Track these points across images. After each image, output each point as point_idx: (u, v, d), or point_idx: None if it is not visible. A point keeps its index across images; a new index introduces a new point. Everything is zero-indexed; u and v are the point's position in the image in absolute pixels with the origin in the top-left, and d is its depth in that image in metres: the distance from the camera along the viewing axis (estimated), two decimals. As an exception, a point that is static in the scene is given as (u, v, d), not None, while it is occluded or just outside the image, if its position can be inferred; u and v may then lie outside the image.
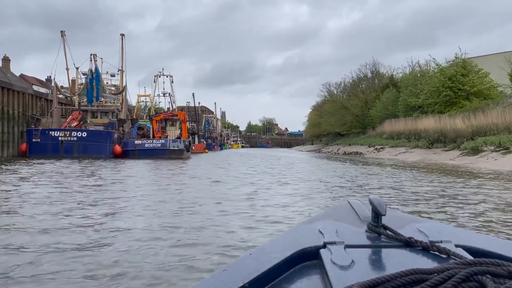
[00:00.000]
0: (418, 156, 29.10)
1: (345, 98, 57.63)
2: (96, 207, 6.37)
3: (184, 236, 4.42)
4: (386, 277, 0.70)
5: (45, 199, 7.06)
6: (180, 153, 26.07)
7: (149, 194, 8.24)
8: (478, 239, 1.02)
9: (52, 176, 11.77)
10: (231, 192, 8.46)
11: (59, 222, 5.05)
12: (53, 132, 23.79)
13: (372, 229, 1.03)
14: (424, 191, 8.88)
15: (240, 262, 0.91)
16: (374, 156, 35.07)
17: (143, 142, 25.72)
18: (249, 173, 14.44)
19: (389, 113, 45.26)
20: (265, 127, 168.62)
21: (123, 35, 29.97)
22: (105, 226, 4.86)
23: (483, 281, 0.67)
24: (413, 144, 33.11)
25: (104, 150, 24.22)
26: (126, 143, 25.75)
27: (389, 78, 54.85)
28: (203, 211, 6.13)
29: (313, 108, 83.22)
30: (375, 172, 15.66)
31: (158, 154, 25.21)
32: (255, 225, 5.10)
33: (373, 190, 9.33)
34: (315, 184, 10.67)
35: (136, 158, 24.58)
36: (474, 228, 4.94)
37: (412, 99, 38.81)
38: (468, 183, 10.73)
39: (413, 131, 35.56)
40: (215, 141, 71.02)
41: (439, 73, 36.81)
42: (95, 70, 27.95)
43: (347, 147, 47.61)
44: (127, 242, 4.14)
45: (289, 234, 1.08)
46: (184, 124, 29.51)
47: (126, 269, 3.26)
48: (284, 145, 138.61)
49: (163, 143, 25.85)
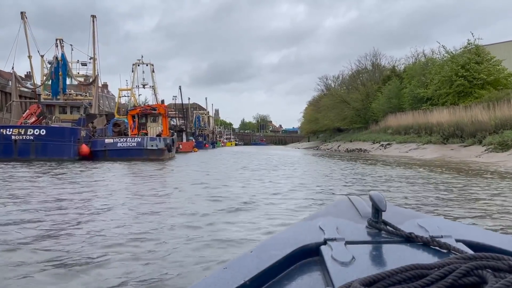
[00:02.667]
0: (434, 153, 25.69)
1: (344, 91, 53.99)
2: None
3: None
4: (387, 272, 0.70)
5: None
6: (160, 153, 22.22)
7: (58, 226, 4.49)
8: (479, 234, 1.01)
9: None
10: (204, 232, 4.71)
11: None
12: (5, 129, 19.79)
13: (372, 225, 1.02)
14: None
15: (240, 260, 0.90)
16: (381, 153, 31.59)
17: (115, 141, 21.81)
18: (241, 180, 10.75)
19: (393, 106, 41.99)
20: (259, 124, 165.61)
21: (94, 16, 25.83)
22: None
23: (484, 275, 0.68)
24: (424, 140, 29.75)
25: (67, 151, 20.31)
26: (95, 143, 21.78)
27: (390, 69, 51.46)
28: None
29: (310, 103, 79.70)
30: (393, 175, 12.06)
31: (133, 154, 21.37)
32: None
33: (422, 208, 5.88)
34: (329, 196, 7.14)
35: (106, 159, 20.74)
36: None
37: (420, 90, 35.29)
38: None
39: (424, 125, 32.19)
40: (207, 139, 67.02)
41: (450, 61, 33.27)
42: (61, 57, 23.94)
43: (348, 143, 44.09)
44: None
45: (290, 231, 1.07)
46: (164, 119, 25.53)
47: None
48: (279, 143, 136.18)
49: (139, 142, 21.99)
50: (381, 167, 16.41)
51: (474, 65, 31.38)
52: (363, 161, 21.40)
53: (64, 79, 24.63)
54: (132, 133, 23.76)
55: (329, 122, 54.08)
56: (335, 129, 59.30)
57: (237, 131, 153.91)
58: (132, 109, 25.55)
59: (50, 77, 23.68)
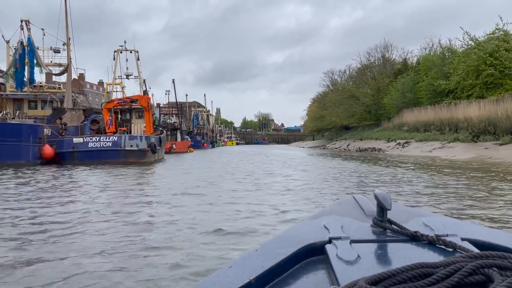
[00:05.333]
0: (465, 152, 21.96)
1: (352, 85, 50.09)
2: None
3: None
4: (392, 271, 0.70)
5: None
6: (141, 155, 18.45)
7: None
8: (484, 232, 1.00)
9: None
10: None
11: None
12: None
13: (377, 224, 1.01)
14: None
15: (245, 259, 0.89)
16: (399, 153, 27.86)
17: (86, 141, 18.02)
18: (244, 211, 7.10)
19: (408, 101, 38.29)
20: (260, 123, 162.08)
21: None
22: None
23: (490, 274, 0.67)
24: (450, 137, 26.07)
25: (25, 153, 16.59)
26: (61, 143, 17.92)
27: (401, 63, 47.62)
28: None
29: (314, 100, 75.81)
30: (436, 183, 8.36)
31: (108, 157, 17.64)
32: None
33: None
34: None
35: (76, 163, 17.03)
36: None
37: (442, 82, 31.50)
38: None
39: (447, 120, 28.50)
40: (206, 138, 63.11)
41: (476, 48, 29.44)
42: (27, 42, 20.19)
43: (358, 142, 40.36)
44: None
45: (294, 230, 1.07)
46: (147, 114, 21.40)
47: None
48: (281, 141, 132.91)
49: (115, 142, 18.20)
50: (411, 171, 12.69)
51: (504, 53, 27.68)
52: (381, 163, 17.70)
53: (32, 68, 20.86)
54: (109, 131, 19.92)
55: (336, 119, 50.20)
56: (341, 127, 55.60)
57: (239, 129, 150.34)
58: (108, 102, 21.59)
59: (13, 65, 19.90)
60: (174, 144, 35.25)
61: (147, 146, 18.67)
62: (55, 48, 22.79)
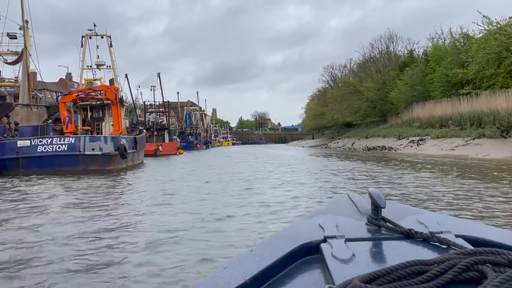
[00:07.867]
0: (498, 150, 18.66)
1: (355, 79, 46.58)
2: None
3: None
4: (387, 269, 0.70)
5: None
6: (106, 161, 14.82)
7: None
8: (478, 229, 1.00)
9: None
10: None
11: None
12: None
13: (372, 222, 1.02)
14: None
15: (241, 259, 0.89)
16: (414, 151, 24.44)
17: (35, 144, 14.25)
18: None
19: (418, 94, 34.88)
20: (257, 122, 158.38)
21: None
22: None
23: (484, 270, 0.68)
24: (474, 133, 22.61)
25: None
26: (2, 147, 14.27)
27: (406, 55, 44.15)
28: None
29: (313, 97, 72.24)
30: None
31: (63, 164, 14.03)
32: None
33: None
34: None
35: (20, 173, 13.42)
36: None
37: (458, 71, 28.07)
38: None
39: (468, 114, 25.06)
40: (199, 138, 59.41)
41: (498, 33, 25.95)
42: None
43: (364, 140, 36.94)
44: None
45: (290, 230, 1.06)
46: (115, 109, 17.55)
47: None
48: (279, 141, 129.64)
49: (72, 144, 14.49)
50: (454, 177, 9.21)
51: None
52: (402, 167, 14.21)
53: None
54: (67, 131, 16.22)
55: (338, 116, 46.71)
56: (343, 125, 52.22)
57: (235, 129, 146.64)
58: (66, 95, 17.76)
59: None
60: (161, 146, 31.63)
61: (114, 149, 15.02)
62: (11, 33, 19.15)
